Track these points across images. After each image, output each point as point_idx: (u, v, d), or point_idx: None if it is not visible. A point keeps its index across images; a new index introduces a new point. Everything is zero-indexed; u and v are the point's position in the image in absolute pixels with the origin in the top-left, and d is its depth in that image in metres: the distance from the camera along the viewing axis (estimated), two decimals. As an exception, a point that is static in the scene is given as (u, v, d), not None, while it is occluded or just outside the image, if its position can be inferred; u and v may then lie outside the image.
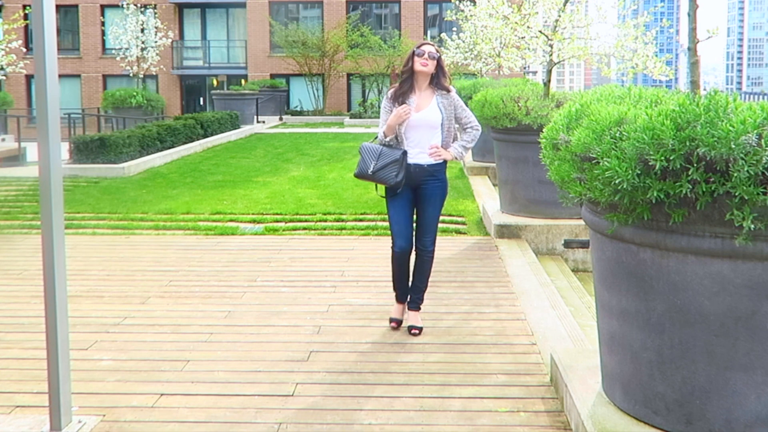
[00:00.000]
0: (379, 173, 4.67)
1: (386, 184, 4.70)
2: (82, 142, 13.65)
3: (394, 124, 4.67)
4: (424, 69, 4.69)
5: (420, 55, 4.69)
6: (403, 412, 3.70)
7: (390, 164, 4.65)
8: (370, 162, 4.69)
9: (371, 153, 4.74)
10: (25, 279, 6.30)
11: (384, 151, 4.71)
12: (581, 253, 7.72)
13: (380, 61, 30.21)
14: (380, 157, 4.68)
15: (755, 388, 2.82)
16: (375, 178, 4.69)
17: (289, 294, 5.82)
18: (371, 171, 4.68)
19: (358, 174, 4.77)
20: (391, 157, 4.67)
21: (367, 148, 4.77)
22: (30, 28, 18.54)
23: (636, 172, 2.72)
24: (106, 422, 3.59)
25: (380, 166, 4.66)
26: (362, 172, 4.73)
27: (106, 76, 34.33)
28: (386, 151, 4.71)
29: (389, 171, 4.66)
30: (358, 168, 4.76)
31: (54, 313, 3.35)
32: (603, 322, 3.32)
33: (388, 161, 4.66)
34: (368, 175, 4.70)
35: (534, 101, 7.89)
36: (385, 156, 4.68)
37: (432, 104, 4.75)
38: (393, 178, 4.66)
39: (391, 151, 4.70)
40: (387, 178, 4.67)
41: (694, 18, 3.76)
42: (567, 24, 8.63)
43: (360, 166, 4.75)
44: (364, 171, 4.72)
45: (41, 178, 3.32)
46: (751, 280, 2.72)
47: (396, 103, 4.72)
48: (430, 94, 4.78)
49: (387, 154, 4.69)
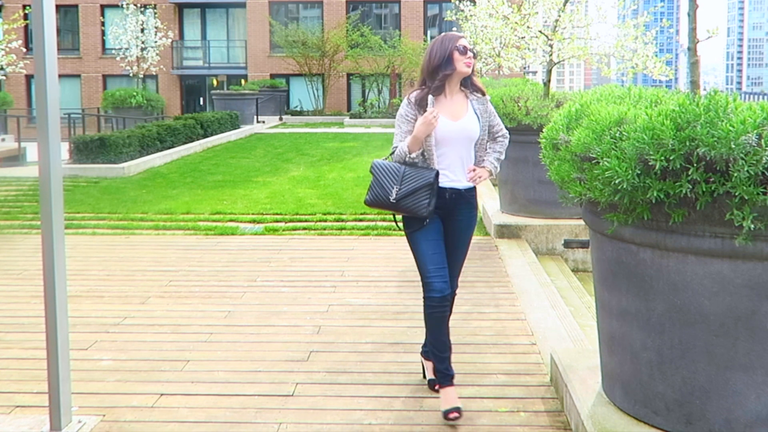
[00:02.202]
0: (405, 201, 3.59)
1: (416, 215, 3.62)
2: (82, 142, 13.65)
3: (422, 135, 3.59)
4: (466, 70, 3.69)
5: (463, 53, 3.67)
6: (403, 412, 3.70)
7: (420, 189, 3.58)
8: (391, 186, 3.61)
9: (391, 174, 3.64)
10: (25, 279, 6.30)
11: (407, 171, 3.62)
12: (581, 253, 7.72)
13: (380, 61, 30.20)
14: (404, 179, 3.60)
15: (755, 388, 2.82)
16: (399, 207, 3.61)
17: (289, 294, 5.82)
18: (394, 198, 3.59)
19: (372, 202, 3.67)
20: (421, 179, 3.59)
21: (384, 168, 3.68)
22: (30, 28, 18.54)
23: (636, 172, 2.72)
24: (106, 422, 3.59)
25: (406, 191, 3.58)
26: (379, 199, 3.62)
27: (106, 76, 34.33)
28: (411, 171, 3.62)
29: (419, 198, 3.58)
30: (372, 194, 3.66)
31: (54, 313, 3.35)
32: (603, 322, 3.32)
33: (418, 185, 3.58)
34: (389, 203, 3.60)
35: (534, 101, 7.89)
36: (410, 178, 3.60)
37: (469, 111, 3.74)
38: (425, 207, 3.58)
39: (419, 172, 3.62)
40: (417, 208, 3.59)
41: (694, 18, 3.76)
42: (567, 24, 8.63)
43: (375, 192, 3.65)
44: (382, 198, 3.61)
45: (41, 178, 3.31)
46: (751, 280, 2.72)
47: (421, 110, 3.66)
48: (463, 98, 3.77)
49: (413, 176, 3.60)
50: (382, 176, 3.66)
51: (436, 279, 3.65)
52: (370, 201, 3.69)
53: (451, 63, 3.66)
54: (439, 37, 3.77)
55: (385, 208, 3.65)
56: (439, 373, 3.70)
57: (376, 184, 3.67)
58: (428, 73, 3.71)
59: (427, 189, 3.58)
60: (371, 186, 3.70)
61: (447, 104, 3.70)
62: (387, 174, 3.66)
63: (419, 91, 3.73)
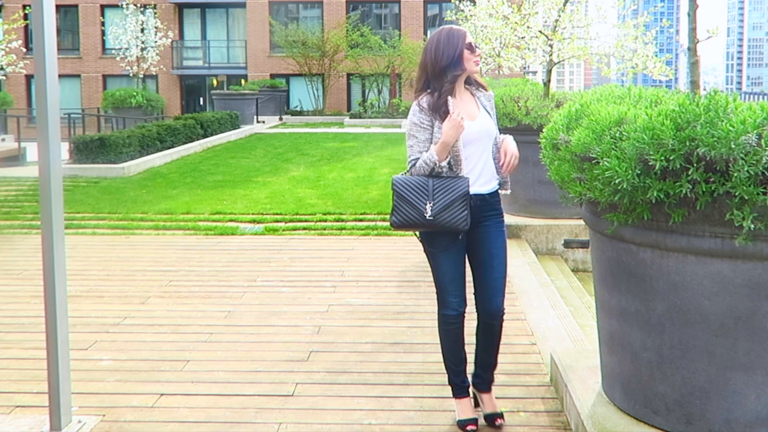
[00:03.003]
0: (441, 217, 3.25)
1: (455, 230, 3.29)
2: (82, 142, 13.66)
3: (452, 140, 3.25)
4: (476, 69, 3.47)
5: (473, 51, 3.40)
6: (403, 412, 3.70)
7: (456, 201, 3.25)
8: (424, 202, 3.26)
9: (419, 190, 3.29)
10: (25, 279, 6.30)
11: (437, 184, 3.29)
12: (581, 253, 7.72)
13: (380, 61, 30.20)
14: (435, 193, 3.26)
15: (755, 388, 2.82)
16: (436, 224, 3.27)
17: (289, 294, 5.82)
18: (431, 215, 3.24)
19: (402, 223, 3.30)
20: (455, 190, 3.27)
21: (409, 184, 3.31)
22: (30, 28, 18.53)
23: (636, 172, 2.71)
24: (106, 422, 3.59)
25: (442, 205, 3.24)
26: (410, 219, 3.27)
27: (106, 76, 34.33)
28: (440, 183, 3.29)
29: (456, 211, 3.25)
30: (400, 215, 3.29)
31: (54, 313, 3.35)
32: (603, 322, 3.32)
33: (453, 197, 3.25)
34: (423, 221, 3.26)
35: (534, 101, 7.89)
36: (442, 191, 3.27)
37: (481, 109, 3.50)
38: (464, 220, 3.27)
39: (449, 183, 3.29)
40: (456, 222, 3.26)
41: (694, 18, 3.76)
42: (567, 24, 8.64)
43: (403, 212, 3.28)
44: (414, 218, 3.27)
45: (41, 178, 3.31)
46: (751, 280, 2.72)
47: (437, 115, 3.33)
48: (470, 96, 3.53)
49: (445, 188, 3.28)
50: (408, 193, 3.29)
51: (453, 296, 3.43)
52: (399, 223, 3.30)
53: (461, 63, 3.37)
54: (443, 32, 3.43)
55: (417, 228, 3.33)
56: (455, 386, 3.57)
57: (403, 203, 3.29)
58: (434, 74, 3.38)
59: (463, 200, 3.26)
60: (396, 207, 3.30)
61: (459, 105, 3.42)
62: (414, 190, 3.29)
63: (428, 95, 3.39)
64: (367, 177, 12.30)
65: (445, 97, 3.34)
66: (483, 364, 3.61)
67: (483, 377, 3.61)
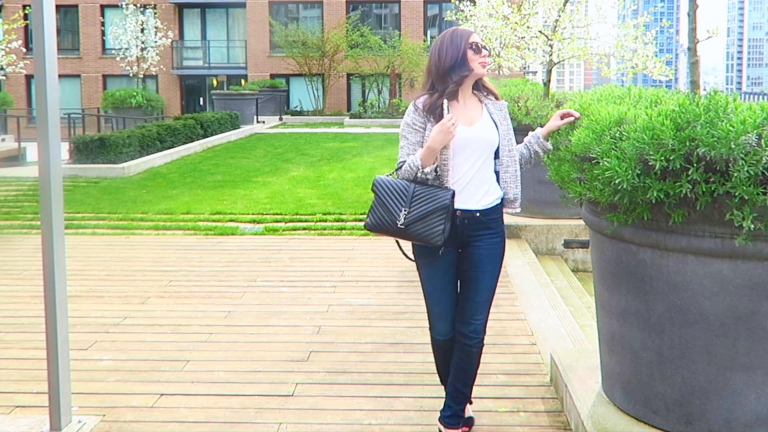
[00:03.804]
0: (414, 227, 3.03)
1: (428, 243, 3.06)
2: (82, 142, 13.66)
3: (438, 146, 3.03)
4: (482, 71, 3.23)
5: (478, 51, 3.18)
6: (403, 412, 3.70)
7: (433, 213, 3.02)
8: (399, 208, 3.06)
9: (398, 194, 3.08)
10: (25, 279, 6.30)
11: (418, 191, 3.07)
12: (581, 253, 7.72)
13: (380, 61, 30.20)
14: (413, 200, 3.05)
15: (755, 388, 2.82)
16: (408, 234, 3.05)
17: (289, 294, 5.82)
18: (402, 223, 3.04)
19: (374, 226, 3.13)
20: (435, 201, 3.03)
21: (389, 187, 3.11)
22: (30, 28, 18.55)
23: (636, 172, 2.71)
24: (106, 422, 3.59)
25: (416, 215, 3.03)
26: (383, 223, 3.09)
27: (106, 76, 34.34)
28: (422, 191, 3.07)
29: (432, 224, 3.02)
30: (374, 217, 3.12)
31: (54, 313, 3.35)
32: (603, 322, 3.32)
33: (430, 208, 3.02)
34: (395, 228, 3.06)
35: (534, 101, 7.89)
36: (422, 199, 3.04)
37: (484, 116, 3.24)
38: (439, 235, 3.02)
39: (431, 192, 3.06)
40: (429, 235, 3.03)
41: (694, 18, 3.76)
42: (567, 24, 8.64)
43: (377, 215, 3.11)
44: (386, 223, 3.08)
45: (41, 178, 3.31)
46: (751, 280, 2.72)
47: (431, 117, 3.14)
48: (476, 102, 3.28)
49: (425, 197, 3.05)
50: (386, 196, 3.09)
51: (440, 322, 3.25)
52: (372, 225, 3.12)
53: (465, 64, 3.16)
54: (448, 33, 3.25)
55: (389, 234, 3.10)
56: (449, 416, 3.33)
57: (380, 205, 3.10)
58: (438, 76, 3.18)
59: (441, 213, 3.01)
60: (372, 207, 3.12)
61: (460, 109, 3.19)
62: (393, 194, 3.08)
63: (427, 96, 3.18)
64: (367, 177, 12.29)
65: (443, 99, 3.14)
66: (455, 395, 3.30)
67: (454, 410, 3.31)
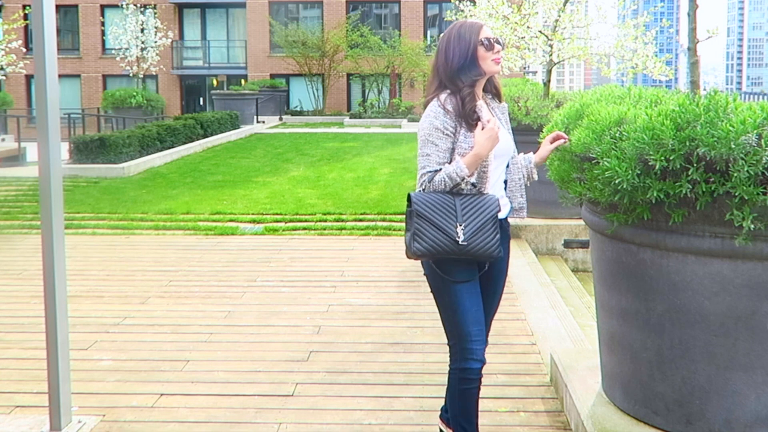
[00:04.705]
0: (475, 242, 2.71)
1: (488, 258, 2.77)
2: (82, 142, 13.66)
3: (485, 152, 2.75)
4: (496, 69, 2.90)
5: (490, 47, 2.85)
6: (403, 412, 3.70)
7: (487, 223, 2.74)
8: (452, 224, 2.70)
9: (446, 210, 2.72)
10: (25, 279, 6.30)
11: (463, 203, 2.75)
12: (581, 253, 7.72)
13: (380, 61, 30.20)
14: (463, 213, 2.72)
15: (755, 388, 2.82)
16: (469, 250, 2.71)
17: (289, 294, 5.82)
18: (464, 240, 2.69)
19: (428, 251, 2.71)
20: (485, 210, 2.76)
21: (433, 203, 2.73)
22: (30, 28, 18.53)
23: (636, 172, 2.71)
24: (106, 422, 3.59)
25: (473, 228, 2.71)
26: (440, 245, 2.70)
27: (106, 76, 34.34)
28: (467, 202, 2.75)
29: (488, 235, 2.74)
30: (427, 241, 2.70)
31: (54, 313, 3.35)
32: (603, 322, 3.32)
33: (484, 218, 2.74)
34: (455, 248, 2.70)
35: (534, 101, 7.89)
36: (471, 211, 2.74)
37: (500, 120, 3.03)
38: (497, 244, 2.77)
39: (476, 202, 2.77)
40: (489, 248, 2.74)
41: (694, 18, 3.76)
42: (567, 24, 8.64)
43: (429, 238, 2.70)
44: (444, 244, 2.70)
45: (41, 178, 3.31)
46: (751, 280, 2.72)
47: (463, 122, 2.79)
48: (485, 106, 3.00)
49: (473, 208, 2.75)
50: (434, 214, 2.71)
51: (478, 342, 2.85)
52: (427, 250, 2.71)
53: (475, 64, 2.84)
54: (455, 27, 2.90)
55: (447, 255, 2.73)
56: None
57: (429, 226, 2.70)
58: (447, 78, 2.85)
59: (494, 221, 2.75)
60: (419, 231, 2.70)
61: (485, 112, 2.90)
62: (440, 210, 2.72)
63: (449, 95, 2.83)
64: (367, 177, 12.30)
65: (473, 103, 2.81)
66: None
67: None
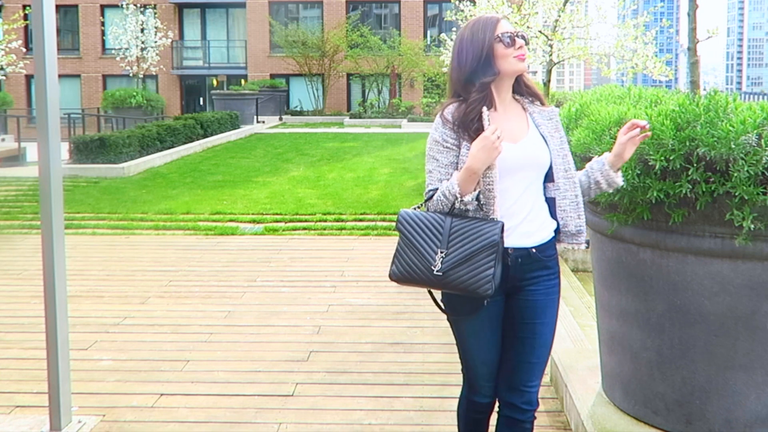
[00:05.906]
0: (455, 274, 2.29)
1: (474, 294, 2.29)
2: (82, 142, 13.66)
3: (481, 166, 2.29)
4: (521, 67, 2.44)
5: (511, 43, 2.41)
6: (403, 412, 3.70)
7: (479, 253, 2.28)
8: (433, 250, 2.32)
9: (430, 231, 2.34)
10: (25, 279, 6.30)
11: (456, 226, 2.33)
12: (581, 253, 7.71)
13: (380, 61, 30.19)
14: (452, 238, 2.31)
15: (755, 388, 2.82)
16: (448, 283, 2.31)
17: (289, 294, 5.82)
18: (440, 269, 2.29)
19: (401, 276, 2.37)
20: (479, 237, 2.30)
21: (418, 222, 2.37)
22: (30, 28, 18.55)
23: (636, 172, 2.72)
24: (106, 422, 3.59)
25: (457, 257, 2.29)
26: (413, 272, 2.33)
27: (106, 76, 34.33)
28: (461, 226, 2.32)
29: (479, 267, 2.28)
30: (401, 264, 2.36)
31: (54, 313, 3.35)
32: (603, 322, 3.32)
33: (475, 247, 2.29)
34: (430, 277, 2.31)
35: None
36: (462, 236, 2.31)
37: (531, 129, 2.49)
38: (488, 281, 2.27)
39: (474, 226, 2.32)
40: (476, 283, 2.28)
41: (694, 18, 3.76)
42: (567, 24, 8.65)
43: (405, 261, 2.36)
44: (417, 270, 2.32)
45: (41, 178, 3.31)
46: (751, 280, 2.72)
47: (465, 134, 2.37)
48: (520, 111, 2.52)
49: (467, 232, 2.31)
50: (415, 235, 2.35)
51: (488, 383, 2.57)
52: (398, 275, 2.37)
53: (490, 64, 2.40)
54: (468, 25, 2.49)
55: (422, 285, 2.36)
56: None
57: (407, 247, 2.35)
58: (462, 85, 2.44)
59: (490, 252, 2.28)
60: (398, 252, 2.38)
61: (501, 121, 2.41)
62: (423, 231, 2.34)
63: (456, 104, 2.42)
64: (367, 177, 12.30)
65: (478, 110, 2.38)
66: None
67: None
